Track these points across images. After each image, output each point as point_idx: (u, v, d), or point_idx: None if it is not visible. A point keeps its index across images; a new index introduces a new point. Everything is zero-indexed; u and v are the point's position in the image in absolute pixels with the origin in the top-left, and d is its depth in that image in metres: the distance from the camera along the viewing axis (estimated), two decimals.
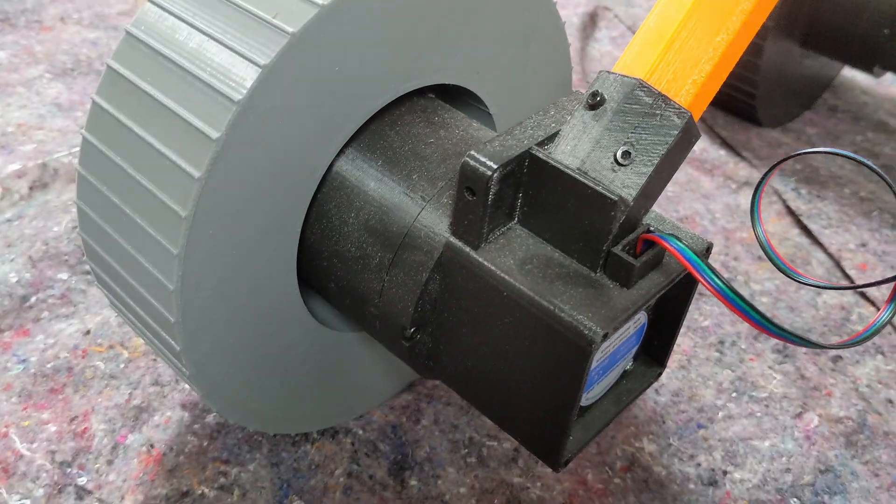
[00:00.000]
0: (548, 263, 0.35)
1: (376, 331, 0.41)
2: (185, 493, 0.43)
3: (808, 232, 0.66)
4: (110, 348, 0.51)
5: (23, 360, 0.50)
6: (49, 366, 0.50)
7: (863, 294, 0.60)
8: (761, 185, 0.36)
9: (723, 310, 0.56)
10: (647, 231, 0.34)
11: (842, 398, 0.51)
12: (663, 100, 0.34)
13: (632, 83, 0.34)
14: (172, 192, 0.34)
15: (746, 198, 0.70)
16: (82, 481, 0.44)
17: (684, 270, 0.36)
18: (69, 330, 0.52)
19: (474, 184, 0.34)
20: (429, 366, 0.41)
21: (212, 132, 0.33)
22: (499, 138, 0.35)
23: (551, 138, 0.35)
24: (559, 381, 0.35)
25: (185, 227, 0.34)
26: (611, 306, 0.33)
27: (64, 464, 0.45)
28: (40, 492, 0.43)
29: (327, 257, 0.41)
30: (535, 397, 0.36)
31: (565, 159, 0.34)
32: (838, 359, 0.54)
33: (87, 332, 0.52)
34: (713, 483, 0.45)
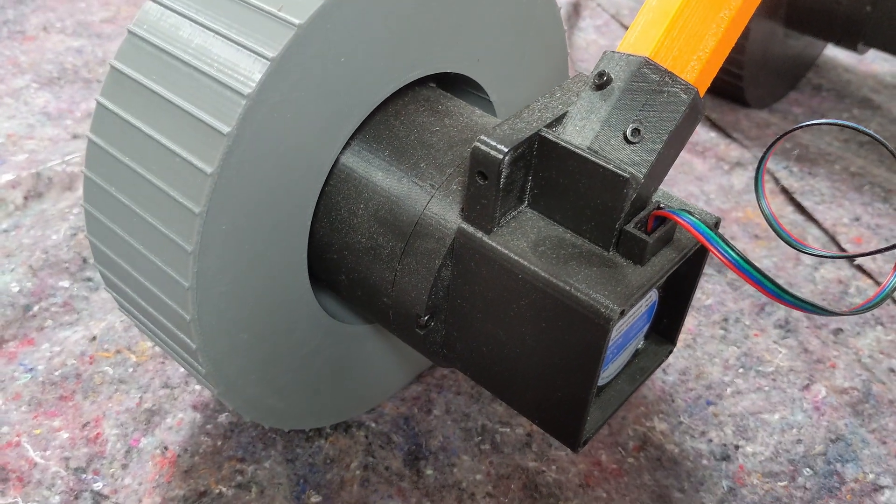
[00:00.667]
0: (560, 244, 0.35)
1: (390, 321, 0.41)
2: (203, 493, 0.43)
3: (802, 209, 0.67)
4: (117, 353, 0.51)
5: (30, 369, 0.49)
6: (57, 373, 0.49)
7: (860, 267, 0.61)
8: (763, 161, 0.37)
9: (725, 288, 0.57)
10: (657, 208, 0.35)
11: (846, 369, 0.52)
12: (670, 76, 0.35)
13: (638, 61, 0.35)
14: (184, 188, 0.34)
15: (739, 178, 0.71)
16: (98, 486, 0.44)
17: (696, 245, 0.36)
18: (74, 337, 0.52)
19: (486, 168, 0.34)
20: (443, 353, 0.41)
21: (223, 127, 0.33)
22: (507, 122, 0.35)
23: (559, 120, 0.36)
24: (577, 360, 0.35)
25: (199, 223, 0.34)
26: (626, 284, 0.34)
27: (79, 470, 0.44)
28: (56, 499, 0.43)
29: (338, 250, 0.41)
30: (553, 379, 0.37)
31: (575, 139, 0.35)
32: (839, 331, 0.55)
33: (93, 338, 0.52)
34: (726, 458, 0.46)
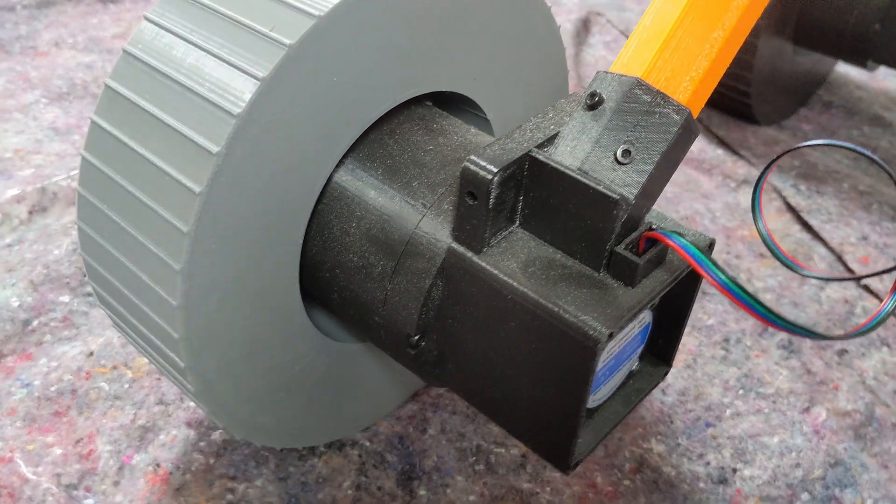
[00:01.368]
0: (551, 265, 0.35)
1: (381, 340, 0.40)
2: None
3: (809, 227, 0.66)
4: (114, 369, 0.51)
5: (26, 385, 0.50)
6: (53, 389, 0.49)
7: (866, 287, 0.60)
8: (761, 180, 0.37)
9: (727, 307, 0.56)
10: (649, 229, 0.34)
11: (849, 391, 0.51)
12: (662, 97, 0.34)
13: (630, 82, 0.35)
14: (174, 207, 0.34)
15: (746, 196, 0.70)
16: (89, 503, 0.44)
17: (688, 267, 0.36)
18: (72, 352, 0.52)
19: (475, 188, 0.34)
20: (435, 373, 0.41)
21: (212, 146, 0.33)
22: (498, 142, 0.35)
23: (551, 140, 0.35)
24: (566, 382, 0.34)
25: (187, 242, 0.34)
26: (616, 305, 0.33)
27: (70, 486, 0.44)
28: None
29: (329, 268, 0.41)
30: (542, 400, 0.36)
31: (565, 160, 0.34)
32: (844, 352, 0.54)
33: (91, 354, 0.52)
34: (723, 481, 0.45)
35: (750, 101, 0.78)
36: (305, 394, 0.44)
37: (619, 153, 0.34)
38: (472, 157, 0.34)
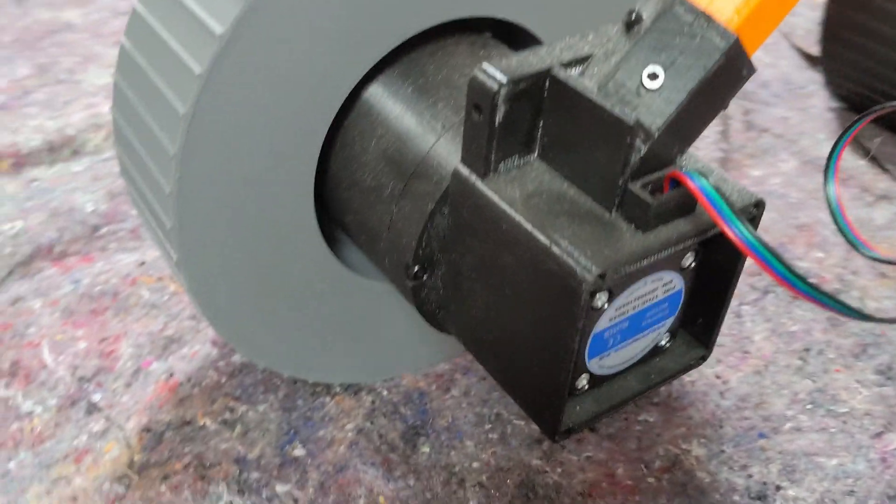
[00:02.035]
0: (559, 199, 0.31)
1: (386, 270, 0.38)
2: (188, 422, 0.42)
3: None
4: (159, 280, 0.51)
5: (75, 282, 0.51)
6: (97, 289, 0.50)
7: None
8: (847, 134, 0.31)
9: (816, 316, 0.49)
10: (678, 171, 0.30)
11: None
12: (706, 19, 0.30)
13: (671, 0, 0.30)
14: (192, 49, 0.33)
15: (882, 212, 0.62)
16: (96, 398, 0.44)
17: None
18: (127, 260, 0.52)
19: (481, 100, 0.31)
20: (439, 316, 0.37)
21: (216, 28, 0.32)
22: (520, 55, 0.31)
23: (581, 61, 0.31)
24: (555, 329, 0.30)
25: (197, 85, 0.32)
26: (617, 248, 0.29)
27: (83, 379, 0.44)
28: (53, 401, 0.43)
29: (347, 187, 0.38)
30: (534, 351, 0.32)
31: (587, 82, 0.30)
32: None
33: (142, 264, 0.52)
34: (762, 497, 0.39)
35: None
36: (317, 323, 0.42)
37: (645, 77, 0.29)
38: (483, 65, 0.30)
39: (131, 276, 0.51)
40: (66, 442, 0.42)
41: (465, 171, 0.32)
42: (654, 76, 0.29)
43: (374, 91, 0.38)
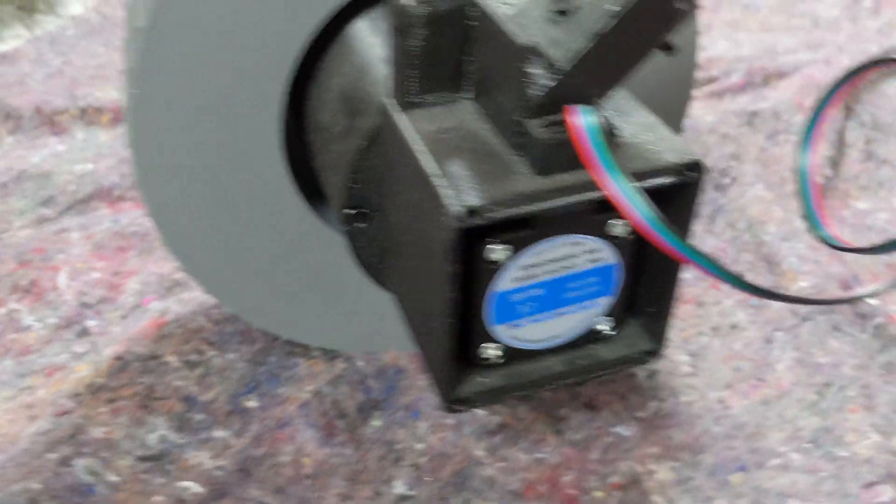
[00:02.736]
0: (469, 137, 0.29)
1: (333, 215, 0.36)
2: (154, 357, 0.42)
3: None
4: None
5: (115, 221, 0.53)
6: (131, 230, 0.52)
7: None
8: (833, 93, 0.27)
9: (854, 350, 0.42)
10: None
11: None
12: None
13: None
14: None
15: None
16: (91, 324, 0.45)
17: (660, 184, 0.27)
18: None
19: (400, 21, 0.29)
20: (380, 270, 0.35)
21: None
22: None
23: None
24: (437, 278, 0.28)
25: (142, 37, 0.33)
26: (504, 188, 0.26)
27: (85, 305, 0.46)
28: (53, 320, 0.45)
29: (313, 129, 0.37)
30: (431, 307, 0.30)
31: (507, 9, 0.28)
32: None
33: None
34: None
35: None
36: (291, 277, 0.41)
37: (560, 6, 0.27)
38: None
39: None
40: (48, 357, 0.43)
41: (389, 103, 0.30)
42: (570, 7, 0.26)
43: (358, 27, 0.37)
